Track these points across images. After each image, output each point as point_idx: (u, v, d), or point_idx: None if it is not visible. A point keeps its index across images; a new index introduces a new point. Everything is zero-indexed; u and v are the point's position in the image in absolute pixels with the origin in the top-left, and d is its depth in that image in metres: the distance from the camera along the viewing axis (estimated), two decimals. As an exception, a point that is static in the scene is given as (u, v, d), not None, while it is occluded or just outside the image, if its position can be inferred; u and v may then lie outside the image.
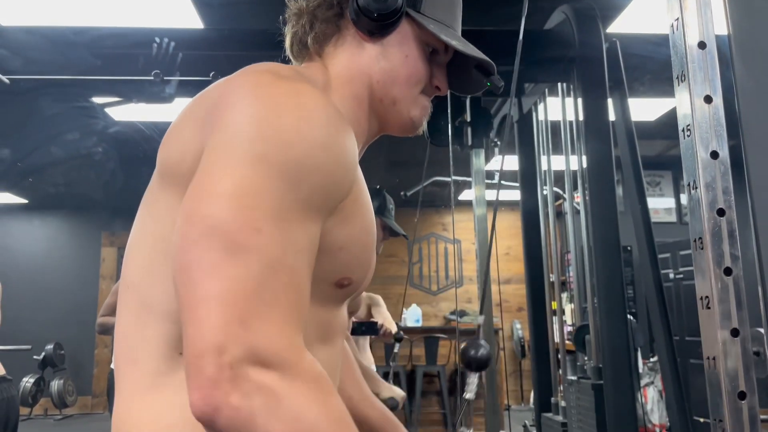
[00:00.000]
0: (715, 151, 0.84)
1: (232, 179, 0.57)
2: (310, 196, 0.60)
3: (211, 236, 0.55)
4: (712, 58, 0.87)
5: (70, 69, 2.06)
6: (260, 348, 0.52)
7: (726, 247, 0.80)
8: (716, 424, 0.78)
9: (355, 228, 0.71)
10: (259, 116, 0.60)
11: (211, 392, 0.51)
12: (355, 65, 0.81)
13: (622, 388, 2.10)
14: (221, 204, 0.56)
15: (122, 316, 0.71)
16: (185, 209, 0.58)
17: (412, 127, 0.86)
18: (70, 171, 5.64)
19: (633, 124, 2.42)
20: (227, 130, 0.60)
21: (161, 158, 0.70)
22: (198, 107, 0.68)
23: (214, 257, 0.54)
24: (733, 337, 0.78)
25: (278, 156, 0.59)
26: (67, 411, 7.06)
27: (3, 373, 2.39)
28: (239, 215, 0.55)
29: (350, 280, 0.73)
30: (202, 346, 0.52)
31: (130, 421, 0.68)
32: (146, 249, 0.70)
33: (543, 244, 2.90)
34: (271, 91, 0.63)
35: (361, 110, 0.81)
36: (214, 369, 0.51)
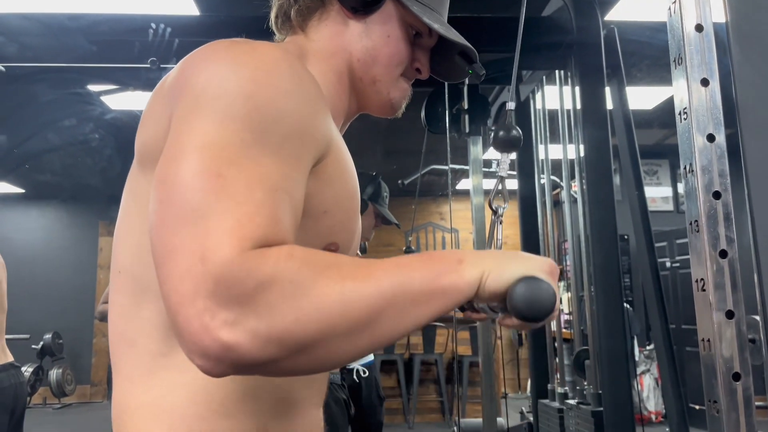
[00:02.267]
0: (711, 134, 0.84)
1: (195, 136, 0.56)
2: (282, 142, 0.59)
3: (174, 193, 0.53)
4: (709, 41, 0.87)
5: (65, 55, 2.05)
6: (222, 274, 0.49)
7: (722, 229, 0.81)
8: (711, 406, 0.78)
9: (339, 192, 0.71)
10: (218, 74, 0.60)
11: (204, 345, 0.49)
12: (337, 41, 0.80)
13: (622, 416, 2.11)
14: (184, 162, 0.55)
15: (116, 301, 0.71)
16: (156, 175, 0.57)
17: (391, 109, 0.85)
18: (66, 161, 5.62)
19: (631, 112, 2.42)
20: (190, 94, 0.60)
21: (138, 144, 0.70)
22: (162, 86, 0.69)
23: (177, 212, 0.52)
24: (728, 319, 0.78)
25: (240, 107, 0.58)
26: (65, 400, 7.08)
27: (11, 359, 2.40)
28: (199, 167, 0.54)
29: (336, 245, 0.73)
30: (176, 300, 0.50)
31: (131, 404, 0.67)
32: (135, 233, 0.69)
33: (540, 233, 2.91)
34: (230, 52, 0.63)
35: (341, 86, 0.81)
36: (195, 321, 0.49)
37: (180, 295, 0.49)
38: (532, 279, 0.57)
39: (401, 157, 5.67)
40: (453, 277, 0.56)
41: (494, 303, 0.59)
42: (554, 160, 2.87)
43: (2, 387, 2.26)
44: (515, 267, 0.58)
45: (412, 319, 0.54)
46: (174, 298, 0.50)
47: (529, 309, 0.55)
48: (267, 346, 0.49)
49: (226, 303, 0.49)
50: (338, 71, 0.81)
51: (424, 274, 0.55)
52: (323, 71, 0.79)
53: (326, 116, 0.68)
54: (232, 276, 0.49)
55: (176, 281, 0.50)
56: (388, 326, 0.53)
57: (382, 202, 2.46)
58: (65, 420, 6.49)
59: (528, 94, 2.95)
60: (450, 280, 0.56)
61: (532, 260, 0.60)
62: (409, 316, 0.54)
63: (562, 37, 2.30)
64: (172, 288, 0.50)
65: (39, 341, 6.63)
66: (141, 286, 0.68)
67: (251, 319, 0.49)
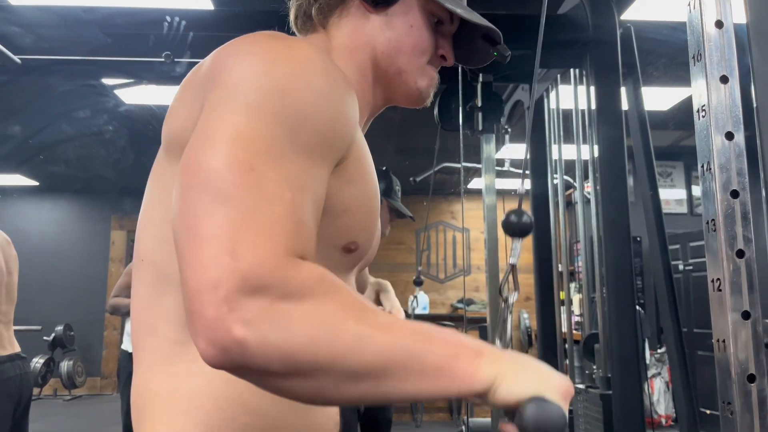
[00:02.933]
0: (730, 132, 0.83)
1: (227, 127, 0.56)
2: (311, 142, 0.60)
3: (203, 181, 0.54)
4: (729, 37, 0.86)
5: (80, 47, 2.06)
6: (252, 273, 0.49)
7: (739, 229, 0.79)
8: (725, 407, 0.77)
9: (359, 191, 0.71)
10: (253, 68, 0.60)
11: (214, 333, 0.49)
12: (359, 36, 0.80)
13: (631, 398, 2.09)
14: (215, 150, 0.55)
15: (138, 289, 0.72)
16: (182, 161, 0.57)
17: (419, 98, 0.85)
18: (80, 154, 5.66)
19: (646, 112, 2.40)
20: (223, 86, 0.60)
21: (165, 132, 0.71)
22: (195, 76, 0.69)
23: (205, 200, 0.53)
24: (743, 320, 0.77)
25: (274, 103, 0.58)
26: (76, 392, 7.14)
27: (18, 350, 2.42)
28: (231, 157, 0.54)
29: (357, 244, 0.72)
30: (195, 286, 0.50)
31: (151, 391, 0.68)
32: (158, 221, 0.70)
33: (552, 233, 2.89)
34: (266, 46, 0.63)
35: (365, 81, 0.81)
36: (212, 308, 0.49)
37: (201, 281, 0.50)
38: (544, 402, 0.55)
39: (413, 154, 5.66)
40: (468, 367, 0.55)
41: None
42: (568, 160, 2.85)
43: (8, 377, 2.28)
44: (530, 382, 0.57)
45: (415, 388, 0.54)
46: (194, 283, 0.50)
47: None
48: (271, 355, 0.49)
49: (247, 301, 0.49)
50: (362, 66, 0.81)
51: (441, 351, 0.54)
52: (347, 68, 0.79)
53: (354, 117, 0.68)
54: (261, 278, 0.49)
55: (199, 268, 0.50)
56: (390, 384, 0.53)
57: (394, 196, 2.45)
58: (75, 411, 6.55)
59: (542, 93, 2.93)
60: (464, 368, 0.55)
61: (549, 378, 0.58)
62: (412, 383, 0.54)
63: (578, 36, 2.28)
64: (194, 273, 0.50)
65: (51, 333, 6.70)
66: (162, 275, 0.68)
67: (266, 324, 0.49)
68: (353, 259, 0.75)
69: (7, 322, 2.41)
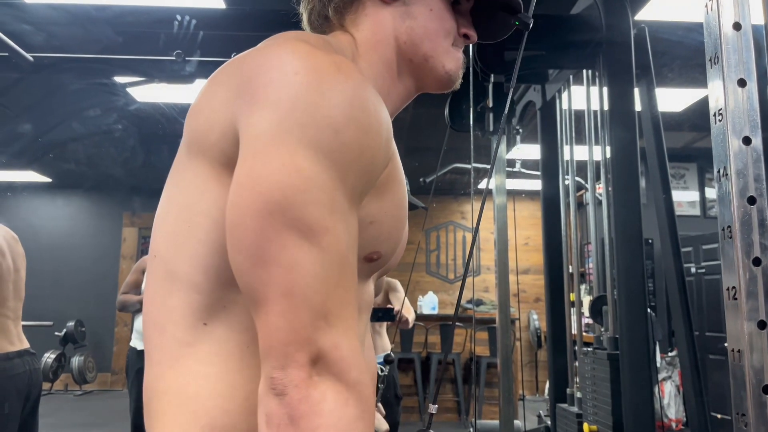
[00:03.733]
0: (747, 137, 0.81)
1: (289, 166, 0.56)
2: (355, 184, 0.60)
3: (276, 212, 0.55)
4: (747, 40, 0.84)
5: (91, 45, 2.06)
6: (341, 349, 0.55)
7: (756, 236, 0.77)
8: (739, 419, 0.75)
9: (387, 202, 0.70)
10: (305, 96, 0.58)
11: (288, 375, 0.54)
12: (380, 29, 0.79)
13: (638, 357, 2.07)
14: (284, 185, 0.56)
15: (150, 285, 0.71)
16: (241, 185, 0.58)
17: (449, 81, 0.83)
18: (92, 151, 5.70)
19: (660, 114, 2.37)
20: (273, 108, 0.58)
21: (189, 128, 0.69)
22: (229, 77, 0.66)
23: (286, 240, 0.55)
24: (760, 330, 0.75)
25: (330, 143, 0.58)
26: (87, 387, 7.20)
27: (27, 346, 2.44)
28: (307, 203, 0.56)
29: (379, 254, 0.72)
30: (290, 337, 0.54)
31: (159, 389, 0.67)
32: (171, 218, 0.69)
33: (563, 235, 2.86)
34: (311, 65, 0.60)
35: (390, 75, 0.80)
36: (300, 357, 0.54)
37: (295, 335, 0.55)
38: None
39: (424, 154, 5.65)
40: None
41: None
42: (579, 161, 2.82)
43: (17, 373, 2.30)
44: None
45: None
46: (285, 335, 0.55)
47: None
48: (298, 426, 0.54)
49: (323, 377, 0.55)
50: (386, 60, 0.79)
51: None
52: (371, 63, 0.78)
53: (391, 139, 0.67)
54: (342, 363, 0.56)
55: (295, 321, 0.55)
56: None
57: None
58: (86, 406, 6.60)
59: (554, 93, 2.90)
60: None
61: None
62: None
63: (591, 36, 2.25)
64: (287, 324, 0.55)
65: (62, 328, 6.75)
66: (171, 273, 0.67)
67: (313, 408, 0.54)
68: (373, 267, 0.74)
69: (15, 318, 2.43)
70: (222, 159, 0.64)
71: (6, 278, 2.40)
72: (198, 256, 0.65)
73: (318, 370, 0.55)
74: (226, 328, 0.65)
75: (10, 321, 2.39)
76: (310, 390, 0.54)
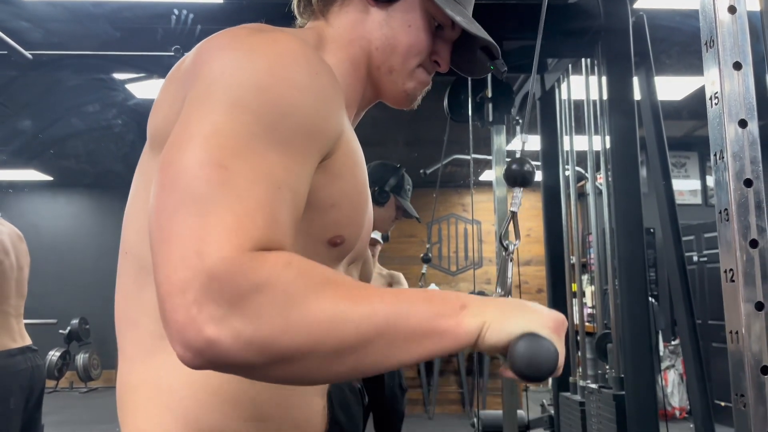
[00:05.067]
0: (743, 120, 0.81)
1: (203, 125, 0.56)
2: (290, 138, 0.59)
3: (176, 180, 0.53)
4: (742, 23, 0.84)
5: (89, 42, 2.06)
6: (218, 270, 0.48)
7: (752, 218, 0.78)
8: (738, 399, 0.76)
9: (347, 185, 0.70)
10: (232, 64, 0.59)
11: (187, 336, 0.48)
12: (357, 29, 0.80)
13: (644, 399, 2.08)
14: (189, 148, 0.54)
15: (121, 281, 0.72)
16: (160, 159, 0.57)
17: (406, 100, 0.84)
18: (93, 148, 5.70)
19: (659, 102, 2.37)
20: (203, 81, 0.59)
21: (150, 127, 0.71)
22: (177, 70, 0.68)
23: (176, 199, 0.52)
24: (757, 311, 0.75)
25: (252, 99, 0.57)
26: (92, 384, 7.23)
27: (29, 343, 2.45)
28: (204, 156, 0.53)
29: (342, 238, 0.72)
30: (166, 289, 0.49)
31: (132, 383, 0.68)
32: (140, 215, 0.70)
33: (564, 225, 2.87)
34: (247, 41, 0.62)
35: (356, 74, 0.81)
36: (182, 311, 0.48)
37: (171, 283, 0.49)
38: (534, 337, 0.55)
39: (423, 146, 5.64)
40: (452, 322, 0.54)
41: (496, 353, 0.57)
42: (579, 151, 2.82)
43: (19, 369, 2.31)
44: (518, 321, 0.56)
45: (402, 354, 0.53)
46: (165, 286, 0.50)
47: (529, 369, 0.54)
48: (248, 349, 0.49)
49: (215, 299, 0.48)
50: (355, 60, 0.80)
51: (422, 312, 0.54)
52: (340, 59, 0.79)
53: (340, 111, 0.67)
54: (226, 274, 0.49)
55: (169, 269, 0.50)
56: (375, 355, 0.53)
57: (404, 194, 2.44)
58: (91, 403, 6.63)
59: (553, 83, 2.90)
60: (448, 325, 0.54)
61: (538, 314, 0.58)
62: (398, 350, 0.53)
63: (589, 24, 2.25)
64: (165, 275, 0.50)
65: (66, 326, 6.78)
66: (144, 268, 0.68)
67: (237, 320, 0.48)
68: (339, 252, 0.74)
69: (17, 315, 2.44)
70: None
71: (9, 276, 2.41)
72: None
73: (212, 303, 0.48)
74: None
75: (12, 318, 2.40)
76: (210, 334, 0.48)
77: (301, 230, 0.64)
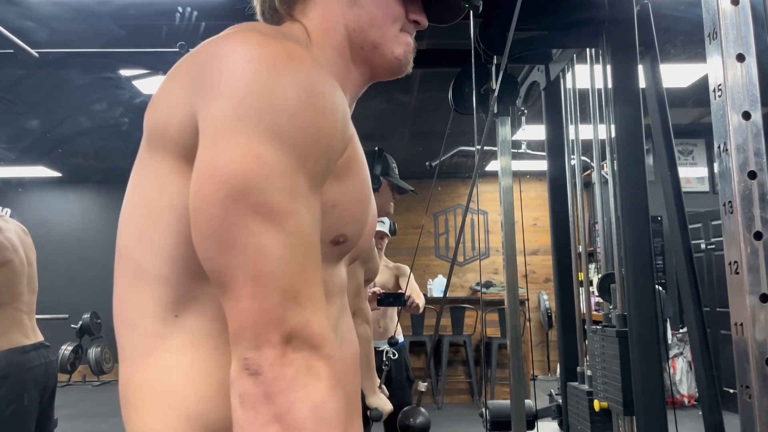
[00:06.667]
0: (747, 111, 0.81)
1: (248, 152, 0.57)
2: (315, 166, 0.60)
3: (239, 199, 0.56)
4: (745, 14, 0.84)
5: (95, 40, 2.07)
6: (312, 327, 0.56)
7: (756, 210, 0.78)
8: (743, 391, 0.77)
9: (348, 184, 0.71)
10: (259, 83, 0.59)
11: (263, 354, 0.55)
12: (328, 17, 0.79)
13: (646, 334, 2.08)
14: (245, 172, 0.56)
15: (118, 281, 0.72)
16: (199, 172, 0.58)
17: (399, 67, 0.83)
18: (101, 145, 5.73)
19: (665, 90, 2.35)
20: (229, 97, 0.59)
21: (148, 123, 0.70)
22: (185, 70, 0.67)
23: (251, 225, 0.56)
24: (762, 303, 0.76)
25: (286, 127, 0.58)
26: (104, 377, 7.30)
27: (41, 339, 2.47)
28: (269, 188, 0.56)
29: (345, 237, 0.73)
30: (262, 319, 0.56)
31: (133, 384, 0.68)
32: (137, 214, 0.69)
33: (570, 215, 2.86)
34: (263, 52, 0.61)
35: (344, 63, 0.80)
36: (274, 337, 0.55)
37: (266, 316, 0.56)
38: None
39: (429, 138, 5.63)
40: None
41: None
42: (585, 140, 2.81)
43: (33, 365, 2.34)
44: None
45: None
46: (257, 317, 0.56)
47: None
48: (276, 407, 0.55)
49: (301, 350, 0.57)
50: (339, 48, 0.79)
51: None
52: (324, 51, 0.78)
53: (348, 120, 0.68)
54: (317, 339, 0.57)
55: (265, 303, 0.56)
56: None
57: (393, 173, 2.46)
58: (104, 397, 6.69)
59: (558, 73, 2.89)
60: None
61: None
62: None
63: (594, 14, 2.24)
64: (259, 307, 0.56)
65: (78, 321, 6.83)
66: (139, 269, 0.68)
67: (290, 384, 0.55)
68: (340, 251, 0.75)
69: (29, 312, 2.46)
70: (182, 151, 0.64)
71: (20, 273, 2.43)
72: (165, 249, 0.66)
73: (292, 348, 0.56)
74: (198, 318, 0.66)
75: (25, 315, 2.42)
76: (285, 367, 0.55)
77: None
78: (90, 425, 5.38)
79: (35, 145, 5.68)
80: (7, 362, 2.27)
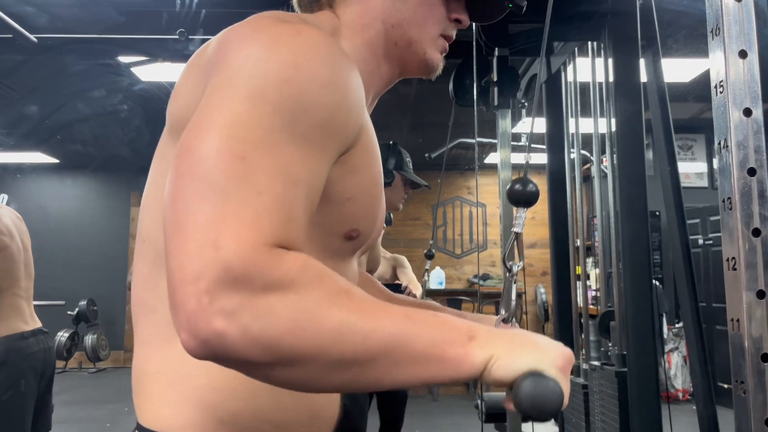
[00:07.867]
0: (748, 108, 0.81)
1: (225, 114, 0.55)
2: (310, 134, 0.59)
3: (194, 168, 0.53)
4: (748, 11, 0.84)
5: (95, 26, 2.06)
6: (234, 264, 0.49)
7: (755, 207, 0.78)
8: (738, 386, 0.77)
9: (363, 178, 0.70)
10: (256, 54, 0.59)
11: (195, 325, 0.49)
12: (368, 11, 0.78)
13: (646, 376, 2.09)
14: (209, 137, 0.54)
15: (138, 268, 0.72)
16: (178, 145, 0.57)
17: (428, 68, 0.83)
18: (99, 132, 5.71)
19: (666, 85, 2.35)
20: (226, 71, 0.59)
21: (170, 113, 0.70)
22: (201, 58, 0.68)
23: (194, 188, 0.52)
24: (758, 299, 0.76)
25: (275, 92, 0.57)
26: (100, 364, 7.32)
27: (39, 325, 2.48)
28: (225, 146, 0.53)
29: (358, 232, 0.72)
30: (178, 277, 0.50)
31: (149, 369, 0.69)
32: (158, 202, 0.70)
33: (569, 209, 2.87)
34: (271, 32, 0.61)
35: (373, 59, 0.79)
36: (193, 300, 0.48)
37: (184, 271, 0.49)
38: (540, 377, 0.54)
39: (428, 130, 5.62)
40: (459, 352, 0.54)
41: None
42: (584, 134, 2.81)
43: (32, 352, 2.34)
44: (526, 358, 0.56)
45: (404, 375, 0.53)
46: (177, 273, 0.50)
47: (533, 409, 0.53)
48: (253, 346, 0.49)
49: (228, 292, 0.48)
50: (371, 43, 0.79)
51: (431, 337, 0.53)
52: (355, 45, 0.78)
53: (361, 106, 0.67)
54: (242, 269, 0.49)
55: (183, 257, 0.50)
56: (377, 372, 0.53)
57: (407, 168, 2.44)
58: (100, 383, 6.72)
59: (559, 66, 2.88)
60: (455, 354, 0.54)
61: (546, 351, 0.57)
62: (401, 370, 0.53)
63: (596, 7, 2.23)
64: (178, 263, 0.50)
65: (74, 308, 6.85)
66: (160, 256, 0.68)
67: (247, 316, 0.49)
68: (353, 245, 0.75)
69: (27, 297, 2.46)
70: None
71: (17, 258, 2.43)
72: None
73: (224, 295, 0.49)
74: None
75: (23, 300, 2.42)
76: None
77: (317, 223, 0.64)
78: (86, 411, 5.40)
79: (33, 131, 5.66)
80: (5, 348, 2.27)
